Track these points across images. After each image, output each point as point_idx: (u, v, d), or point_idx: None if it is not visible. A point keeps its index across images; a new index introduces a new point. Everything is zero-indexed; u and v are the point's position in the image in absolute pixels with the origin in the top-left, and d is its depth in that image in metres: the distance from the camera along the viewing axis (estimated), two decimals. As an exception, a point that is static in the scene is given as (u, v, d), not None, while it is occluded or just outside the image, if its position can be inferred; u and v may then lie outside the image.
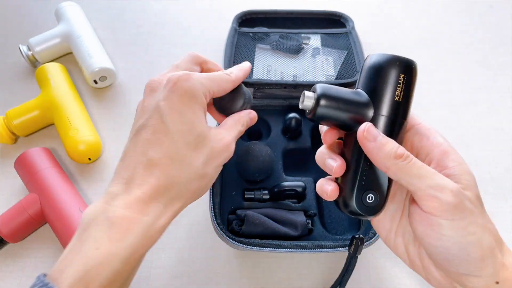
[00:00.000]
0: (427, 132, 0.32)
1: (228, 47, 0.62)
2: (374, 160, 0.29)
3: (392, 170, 0.28)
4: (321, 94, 0.30)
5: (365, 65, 0.31)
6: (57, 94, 0.57)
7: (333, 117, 0.31)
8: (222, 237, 0.45)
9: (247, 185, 0.51)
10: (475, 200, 0.29)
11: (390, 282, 0.48)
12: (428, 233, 0.28)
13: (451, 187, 0.28)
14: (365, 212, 0.31)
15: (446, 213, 0.27)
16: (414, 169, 0.28)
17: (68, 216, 0.47)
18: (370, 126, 0.29)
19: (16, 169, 0.52)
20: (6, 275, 0.48)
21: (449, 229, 0.27)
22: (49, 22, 0.70)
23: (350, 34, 0.64)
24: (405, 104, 0.30)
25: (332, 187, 0.32)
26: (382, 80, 0.30)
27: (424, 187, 0.28)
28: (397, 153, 0.28)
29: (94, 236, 0.28)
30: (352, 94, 0.31)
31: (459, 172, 0.30)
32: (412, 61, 0.30)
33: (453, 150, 0.31)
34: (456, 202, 0.27)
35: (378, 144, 0.28)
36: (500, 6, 0.74)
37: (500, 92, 0.63)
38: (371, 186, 0.30)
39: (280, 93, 0.57)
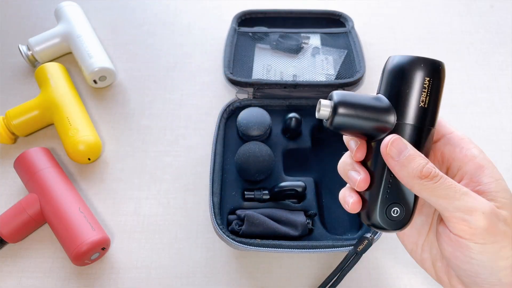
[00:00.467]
0: (460, 143, 0.29)
1: (227, 47, 0.61)
2: (398, 177, 0.27)
3: (415, 189, 0.26)
4: (338, 101, 0.28)
5: (386, 68, 0.29)
6: (57, 94, 0.57)
7: (352, 126, 0.28)
8: (222, 237, 0.45)
9: (247, 185, 0.51)
10: (511, 220, 0.27)
11: (390, 282, 0.48)
12: (457, 255, 0.27)
13: (483, 209, 0.25)
14: (389, 226, 0.28)
15: (476, 236, 0.25)
16: (441, 190, 0.26)
17: (67, 216, 0.47)
18: (396, 139, 0.27)
19: (16, 169, 0.52)
20: (5, 275, 0.48)
21: (479, 253, 0.26)
22: (49, 22, 0.70)
23: (350, 34, 0.64)
24: (432, 110, 0.28)
25: (354, 199, 0.30)
26: (404, 84, 0.27)
27: (452, 208, 0.26)
28: (422, 172, 0.26)
29: None
30: (372, 100, 0.28)
31: (495, 189, 0.27)
32: (439, 62, 0.28)
33: (489, 163, 0.29)
34: (488, 225, 0.25)
35: (401, 161, 0.26)
36: (500, 6, 0.74)
37: (500, 92, 0.63)
38: (396, 199, 0.28)
39: (280, 93, 0.57)
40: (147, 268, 0.48)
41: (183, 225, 0.51)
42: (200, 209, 0.53)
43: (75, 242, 0.45)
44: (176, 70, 0.66)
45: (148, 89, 0.64)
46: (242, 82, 0.57)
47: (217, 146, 0.53)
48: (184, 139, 0.59)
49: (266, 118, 0.53)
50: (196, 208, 0.53)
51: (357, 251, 0.42)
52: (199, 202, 0.53)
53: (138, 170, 0.56)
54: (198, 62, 0.66)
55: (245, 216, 0.46)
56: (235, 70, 0.59)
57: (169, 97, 0.63)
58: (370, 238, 0.41)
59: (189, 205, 0.53)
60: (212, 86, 0.64)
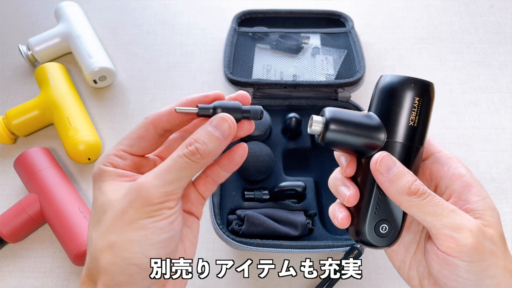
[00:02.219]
0: (448, 161, 0.30)
1: (227, 47, 0.61)
2: (387, 193, 0.27)
3: (404, 206, 0.27)
4: (330, 118, 0.28)
5: (378, 87, 0.29)
6: (57, 94, 0.57)
7: (343, 143, 0.29)
8: (222, 237, 0.45)
9: (247, 185, 0.51)
10: (497, 239, 0.27)
11: (390, 282, 0.48)
12: (444, 273, 0.27)
13: (470, 226, 0.25)
14: (377, 243, 0.29)
15: (463, 254, 0.25)
16: (428, 206, 0.26)
17: (67, 216, 0.47)
18: (385, 156, 0.27)
19: (16, 169, 0.52)
20: (5, 275, 0.48)
21: (466, 271, 0.26)
22: (49, 22, 0.70)
23: (350, 34, 0.64)
24: (421, 129, 0.28)
25: (344, 215, 0.30)
26: (395, 103, 0.28)
27: (439, 225, 0.26)
28: (411, 189, 0.26)
29: None
30: (364, 117, 0.29)
31: (483, 207, 0.27)
32: (429, 82, 0.28)
33: (476, 182, 0.29)
34: (475, 243, 0.25)
35: (390, 177, 0.27)
36: (500, 6, 0.74)
37: (500, 92, 0.63)
38: (385, 216, 0.29)
39: (280, 93, 0.57)
40: (147, 268, 0.48)
41: (183, 225, 0.51)
42: (200, 209, 0.53)
43: (75, 242, 0.45)
44: (176, 70, 0.66)
45: (148, 89, 0.64)
46: (242, 82, 0.57)
47: (217, 146, 0.53)
48: (184, 139, 0.58)
49: (266, 118, 0.53)
50: (196, 208, 0.53)
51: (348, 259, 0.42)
52: (199, 202, 0.53)
53: (138, 170, 0.56)
54: (198, 62, 0.66)
55: (245, 216, 0.46)
56: (235, 70, 0.59)
57: (169, 97, 0.63)
58: (360, 248, 0.43)
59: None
60: (212, 86, 0.64)
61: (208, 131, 0.27)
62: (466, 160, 0.57)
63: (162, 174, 0.26)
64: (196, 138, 0.26)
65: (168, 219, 0.26)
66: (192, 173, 0.27)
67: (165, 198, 0.26)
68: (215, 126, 0.27)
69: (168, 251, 0.27)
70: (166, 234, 0.26)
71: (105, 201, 0.27)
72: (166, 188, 0.25)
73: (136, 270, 0.25)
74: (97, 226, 0.26)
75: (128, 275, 0.25)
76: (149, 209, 0.25)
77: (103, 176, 0.28)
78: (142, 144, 0.29)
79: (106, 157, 0.28)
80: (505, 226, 0.51)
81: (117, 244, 0.25)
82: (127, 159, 0.29)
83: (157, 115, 0.28)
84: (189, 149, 0.26)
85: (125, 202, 0.26)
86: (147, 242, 0.25)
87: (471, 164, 0.57)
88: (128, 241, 0.25)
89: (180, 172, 0.26)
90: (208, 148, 0.26)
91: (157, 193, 0.25)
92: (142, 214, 0.25)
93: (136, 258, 0.25)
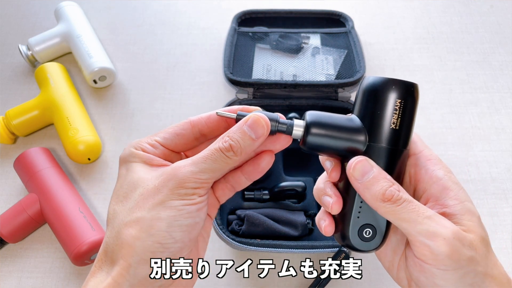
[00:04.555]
0: (426, 164, 0.29)
1: (227, 47, 0.61)
2: (364, 199, 0.27)
3: (380, 211, 0.26)
4: (311, 122, 0.28)
5: (360, 88, 0.29)
6: (57, 94, 0.57)
7: (324, 147, 0.28)
8: (222, 237, 0.45)
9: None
10: (478, 243, 0.26)
11: (390, 282, 0.48)
12: (422, 280, 0.26)
13: (445, 234, 0.25)
14: (362, 248, 0.28)
15: (438, 262, 0.25)
16: (403, 213, 0.25)
17: (67, 216, 0.47)
18: (361, 161, 0.27)
19: (16, 169, 0.52)
20: (5, 275, 0.48)
21: (442, 279, 0.25)
22: (49, 22, 0.70)
23: (350, 34, 0.64)
24: (405, 132, 0.27)
25: (327, 223, 0.30)
26: (376, 105, 0.27)
27: (414, 233, 0.25)
28: (385, 195, 0.26)
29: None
30: (345, 121, 0.28)
31: (460, 211, 0.27)
32: (412, 84, 0.27)
33: (454, 185, 0.28)
34: (449, 252, 0.24)
35: (365, 183, 0.26)
36: (500, 6, 0.74)
37: (500, 92, 0.63)
38: (368, 220, 0.28)
39: (280, 93, 0.57)
40: (147, 268, 0.48)
41: (183, 225, 0.51)
42: (200, 209, 0.52)
43: (75, 242, 0.45)
44: (176, 70, 0.66)
45: (148, 89, 0.64)
46: (242, 82, 0.57)
47: (217, 146, 0.53)
48: (184, 139, 0.58)
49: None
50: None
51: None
52: (199, 202, 0.53)
53: (138, 170, 0.56)
54: (198, 62, 0.66)
55: (245, 216, 0.46)
56: (235, 70, 0.59)
57: (169, 97, 0.63)
58: (348, 251, 0.42)
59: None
60: (212, 86, 0.64)
61: (241, 130, 0.27)
62: (466, 160, 0.57)
63: (199, 162, 0.27)
64: (230, 136, 0.27)
65: (197, 205, 0.27)
66: (225, 168, 0.27)
67: (198, 185, 0.26)
68: (250, 125, 0.27)
69: (190, 237, 0.27)
70: (192, 219, 0.27)
71: (136, 178, 0.27)
72: (201, 176, 0.26)
73: (159, 248, 0.26)
74: (123, 201, 0.27)
75: (150, 253, 0.25)
76: (183, 192, 0.26)
77: (133, 158, 0.29)
78: (176, 140, 0.29)
79: (137, 142, 0.29)
80: (505, 226, 0.52)
81: (145, 220, 0.25)
82: (158, 149, 0.29)
83: (197, 117, 0.30)
84: (224, 145, 0.27)
85: (159, 181, 0.26)
86: (175, 223, 0.26)
87: (471, 164, 0.57)
88: (157, 218, 0.25)
89: (214, 163, 0.27)
90: (241, 147, 0.27)
91: (192, 178, 0.26)
92: (175, 195, 0.26)
93: (162, 236, 0.25)
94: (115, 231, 0.26)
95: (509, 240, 0.51)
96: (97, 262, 0.27)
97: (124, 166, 0.29)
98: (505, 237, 0.51)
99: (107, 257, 0.27)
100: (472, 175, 0.56)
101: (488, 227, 0.51)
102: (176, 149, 0.30)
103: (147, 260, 0.25)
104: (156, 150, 0.29)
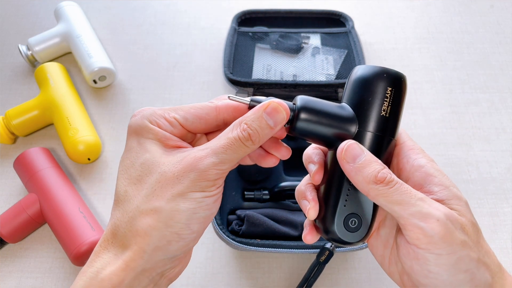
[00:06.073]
0: (408, 153, 0.29)
1: (227, 46, 0.61)
2: (354, 182, 0.27)
3: (371, 195, 0.26)
4: (301, 106, 0.28)
5: (351, 77, 0.29)
6: (57, 94, 0.57)
7: (313, 132, 0.28)
8: (222, 237, 0.45)
9: (247, 185, 0.51)
10: (470, 227, 0.25)
11: (390, 282, 0.48)
12: (415, 269, 0.25)
13: (438, 215, 0.24)
14: (347, 238, 0.28)
15: (431, 245, 0.24)
16: (396, 195, 0.25)
17: (67, 216, 0.47)
18: (351, 144, 0.26)
19: (15, 169, 0.52)
20: (5, 275, 0.48)
21: (435, 265, 0.24)
22: (49, 22, 0.70)
23: (350, 34, 0.64)
24: (393, 120, 0.28)
25: (311, 205, 0.29)
26: (367, 93, 0.28)
27: (406, 215, 0.25)
28: (377, 177, 0.25)
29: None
30: (336, 107, 0.28)
31: (447, 196, 0.26)
32: (401, 74, 0.28)
33: (437, 172, 0.27)
34: (443, 233, 0.24)
35: (357, 166, 0.26)
36: (500, 6, 0.74)
37: (500, 92, 0.63)
38: (354, 209, 0.28)
39: (280, 93, 0.57)
40: (147, 268, 0.48)
41: (183, 225, 0.51)
42: (200, 209, 0.52)
43: (75, 242, 0.45)
44: (176, 70, 0.66)
45: (148, 89, 0.64)
46: (242, 82, 0.57)
47: (217, 146, 0.53)
48: (184, 139, 0.58)
49: None
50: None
51: (319, 261, 0.42)
52: (199, 202, 0.53)
53: (138, 170, 0.56)
54: (198, 62, 0.66)
55: (245, 216, 0.46)
56: (235, 70, 0.59)
57: (169, 97, 0.63)
58: (331, 248, 0.42)
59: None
60: (212, 86, 0.64)
61: (260, 118, 0.26)
62: (466, 160, 0.57)
63: (219, 152, 0.26)
64: (248, 124, 0.26)
65: (215, 196, 0.26)
66: (242, 157, 0.27)
67: (218, 176, 0.26)
68: (269, 113, 0.26)
69: (205, 227, 0.27)
70: (209, 211, 0.26)
71: (151, 160, 0.26)
72: (222, 166, 0.26)
73: (176, 238, 0.25)
74: (136, 184, 0.26)
75: (167, 242, 0.25)
76: (204, 184, 0.25)
77: (147, 133, 0.27)
78: (197, 123, 0.28)
79: (153, 115, 0.28)
80: (505, 226, 0.52)
81: (164, 210, 0.25)
82: (176, 128, 0.28)
83: (224, 104, 0.29)
84: (243, 134, 0.26)
85: (179, 170, 0.25)
86: (194, 215, 0.25)
87: (471, 164, 0.57)
88: (177, 210, 0.25)
89: (235, 153, 0.26)
90: (259, 136, 0.26)
91: (214, 170, 0.25)
92: (196, 187, 0.25)
93: (180, 228, 0.25)
94: (128, 216, 0.26)
95: (509, 240, 0.51)
96: (103, 243, 0.26)
97: (135, 138, 0.27)
98: (505, 237, 0.51)
99: (116, 239, 0.26)
100: (472, 175, 0.56)
101: (488, 227, 0.52)
102: (194, 131, 0.29)
103: (162, 248, 0.25)
104: (174, 129, 0.28)
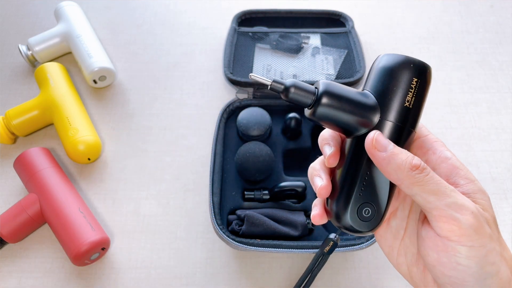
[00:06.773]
0: (433, 145, 0.29)
1: (227, 46, 0.61)
2: (385, 172, 0.26)
3: (405, 183, 0.25)
4: (324, 91, 0.27)
5: (375, 65, 0.29)
6: (57, 94, 0.57)
7: (334, 118, 0.27)
8: (222, 237, 0.45)
9: (247, 185, 0.51)
10: (492, 223, 0.26)
11: (390, 282, 0.48)
12: (443, 261, 0.25)
13: (472, 207, 0.24)
14: (359, 227, 0.28)
15: (465, 238, 0.24)
16: (431, 184, 0.24)
17: (67, 216, 0.47)
18: (380, 134, 0.26)
19: (15, 169, 0.52)
20: (5, 275, 0.48)
21: (466, 257, 0.24)
22: (49, 22, 0.70)
23: (350, 34, 0.64)
24: (415, 112, 0.27)
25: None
26: (392, 82, 0.27)
27: (442, 206, 0.24)
28: (413, 163, 0.25)
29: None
30: (358, 94, 0.28)
31: (473, 190, 0.26)
32: (427, 65, 0.27)
33: (462, 165, 0.28)
34: (477, 225, 0.24)
35: (389, 154, 0.25)
36: (500, 6, 0.74)
37: (500, 92, 0.63)
38: (369, 199, 0.27)
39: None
40: (147, 268, 0.48)
41: (183, 225, 0.51)
42: (200, 209, 0.52)
43: (75, 242, 0.45)
44: (176, 70, 0.66)
45: (148, 89, 0.64)
46: (242, 82, 0.57)
47: (217, 146, 0.53)
48: (184, 139, 0.58)
49: (266, 118, 0.53)
50: (196, 208, 0.53)
51: (323, 252, 0.42)
52: (199, 202, 0.53)
53: (138, 170, 0.56)
54: (198, 62, 0.66)
55: (245, 216, 0.46)
56: (235, 70, 0.59)
57: (169, 97, 0.63)
58: (335, 239, 0.41)
59: (189, 205, 0.53)
60: (212, 86, 0.64)
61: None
62: (466, 160, 0.57)
63: None
64: None
65: None
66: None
67: None
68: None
69: None
70: None
71: None
72: None
73: None
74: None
75: None
76: None
77: None
78: None
79: None
80: (505, 226, 0.52)
81: None
82: None
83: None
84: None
85: None
86: None
87: (471, 164, 0.57)
88: None
89: None
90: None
91: None
92: None
93: None
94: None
95: (509, 240, 0.51)
96: None
97: None
98: (505, 237, 0.51)
99: None
100: (472, 175, 0.56)
101: (488, 227, 0.52)
102: None
103: None
104: None
